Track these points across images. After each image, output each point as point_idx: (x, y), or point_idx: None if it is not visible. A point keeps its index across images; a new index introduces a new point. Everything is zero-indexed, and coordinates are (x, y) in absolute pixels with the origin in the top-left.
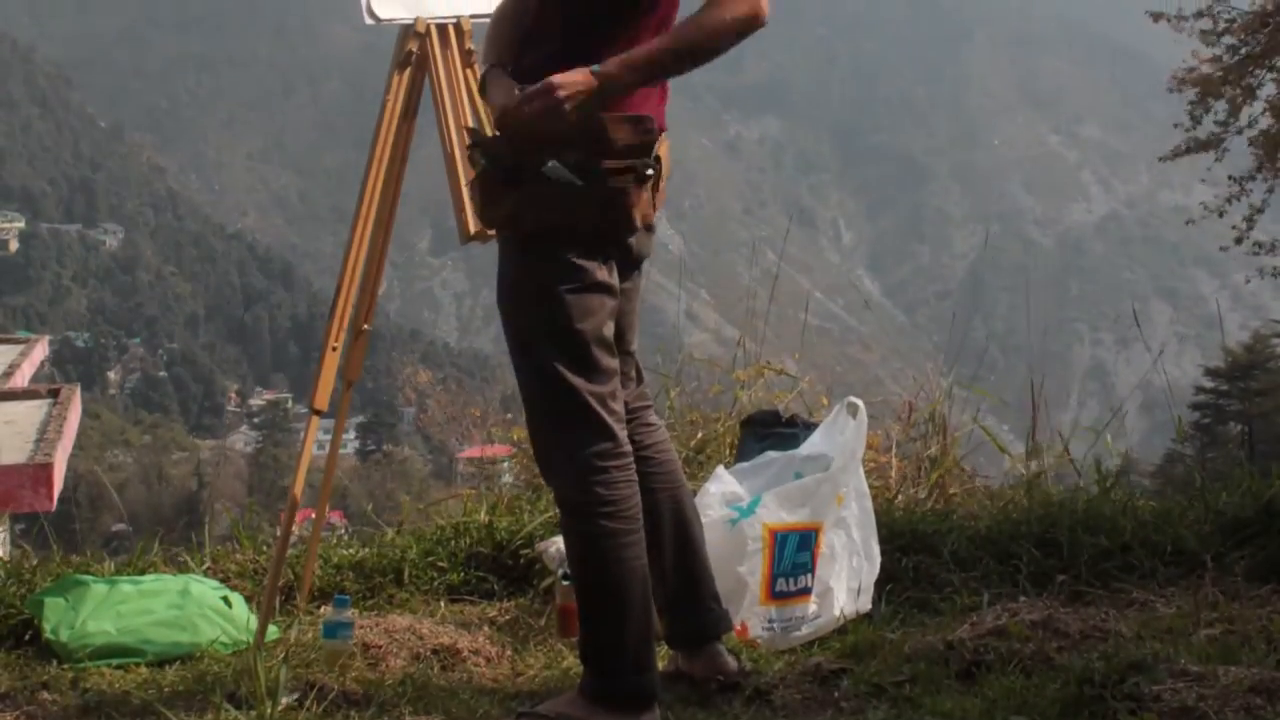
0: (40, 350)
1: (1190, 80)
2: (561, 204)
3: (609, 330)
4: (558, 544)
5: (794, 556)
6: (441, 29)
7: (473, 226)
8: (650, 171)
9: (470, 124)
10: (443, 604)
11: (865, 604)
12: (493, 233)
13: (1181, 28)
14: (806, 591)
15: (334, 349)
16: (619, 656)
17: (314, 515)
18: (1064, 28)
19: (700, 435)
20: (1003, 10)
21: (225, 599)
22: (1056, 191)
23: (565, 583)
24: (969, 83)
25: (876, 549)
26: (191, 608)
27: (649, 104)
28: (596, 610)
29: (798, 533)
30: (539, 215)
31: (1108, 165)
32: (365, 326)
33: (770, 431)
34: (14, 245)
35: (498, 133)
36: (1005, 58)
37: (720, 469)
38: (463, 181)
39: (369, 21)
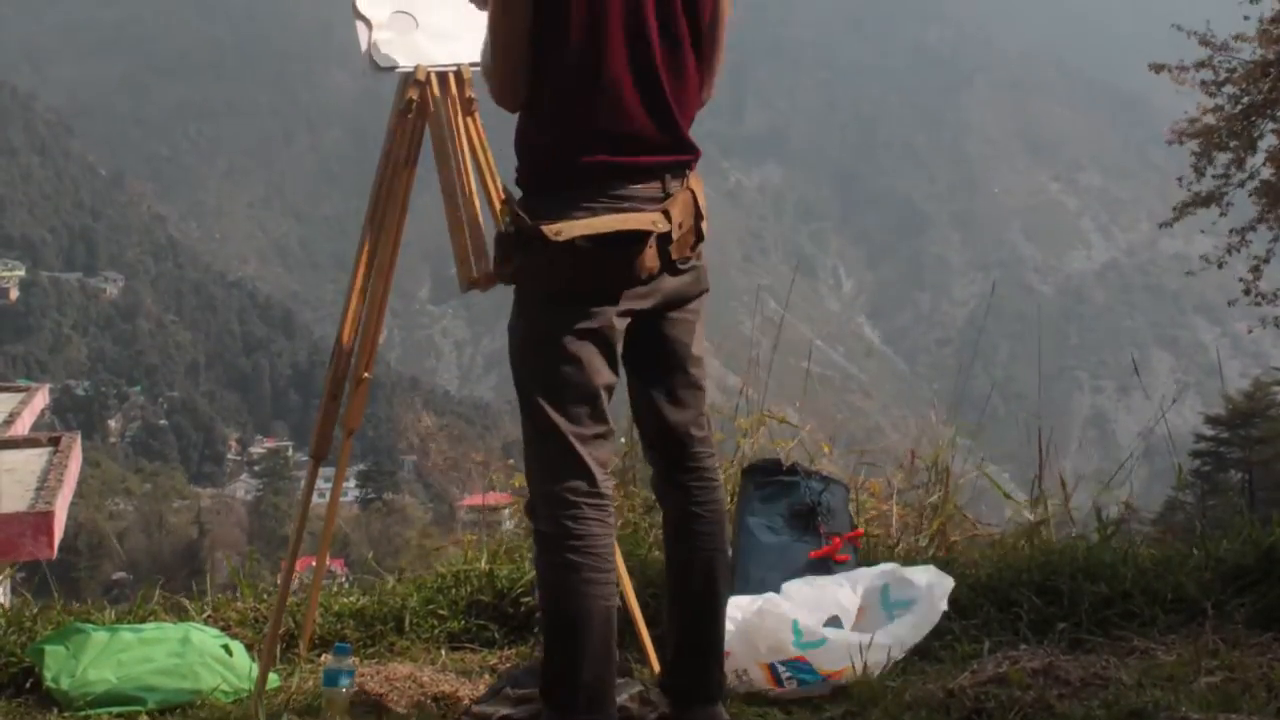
0: (41, 399)
1: (1191, 133)
2: (558, 272)
3: (600, 379)
4: None
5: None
6: (442, 77)
7: (475, 272)
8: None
9: (470, 173)
10: (444, 652)
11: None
12: (492, 281)
13: (1183, 79)
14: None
15: (334, 397)
16: (572, 693)
17: (315, 563)
18: (1064, 75)
19: None
20: (1003, 57)
21: (226, 647)
22: (1057, 239)
23: None
24: (969, 130)
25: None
26: (192, 656)
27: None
28: (554, 642)
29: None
30: (539, 277)
31: (1108, 213)
32: (365, 375)
33: (770, 480)
34: (14, 294)
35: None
36: (1005, 105)
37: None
38: (465, 230)
39: (370, 70)
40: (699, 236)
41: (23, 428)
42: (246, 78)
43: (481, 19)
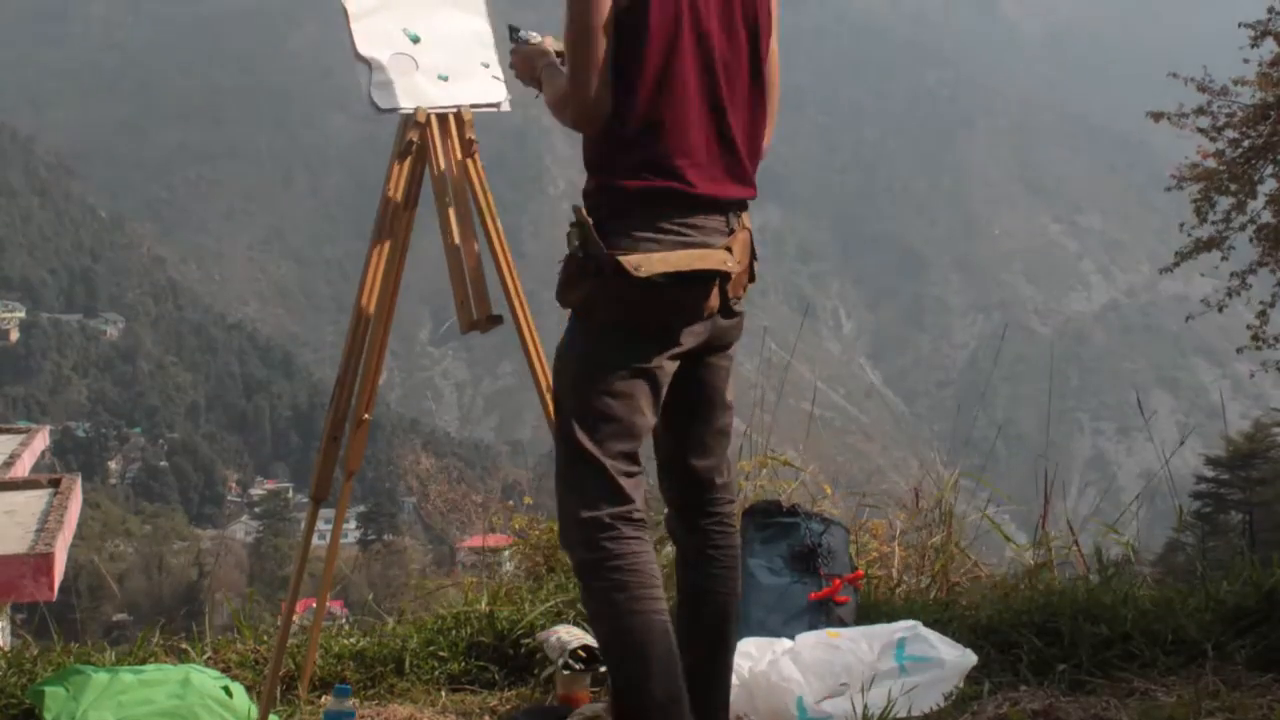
0: (41, 440)
1: (1193, 177)
2: (627, 306)
3: (643, 421)
4: (559, 633)
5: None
6: (442, 119)
7: (475, 314)
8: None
9: (471, 215)
10: (444, 693)
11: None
12: (493, 323)
13: (1182, 124)
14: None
15: (334, 438)
16: (646, 713)
17: (315, 604)
18: (1064, 118)
19: None
20: (1003, 100)
21: (226, 689)
22: (1057, 281)
23: (566, 672)
24: (969, 172)
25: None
26: (192, 698)
27: (715, 185)
28: (619, 668)
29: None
30: (609, 308)
31: (1108, 254)
32: (366, 416)
33: (771, 521)
34: (14, 335)
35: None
36: (1006, 147)
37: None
38: (465, 272)
39: (370, 112)
40: (751, 277)
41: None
42: (246, 120)
43: (479, 62)
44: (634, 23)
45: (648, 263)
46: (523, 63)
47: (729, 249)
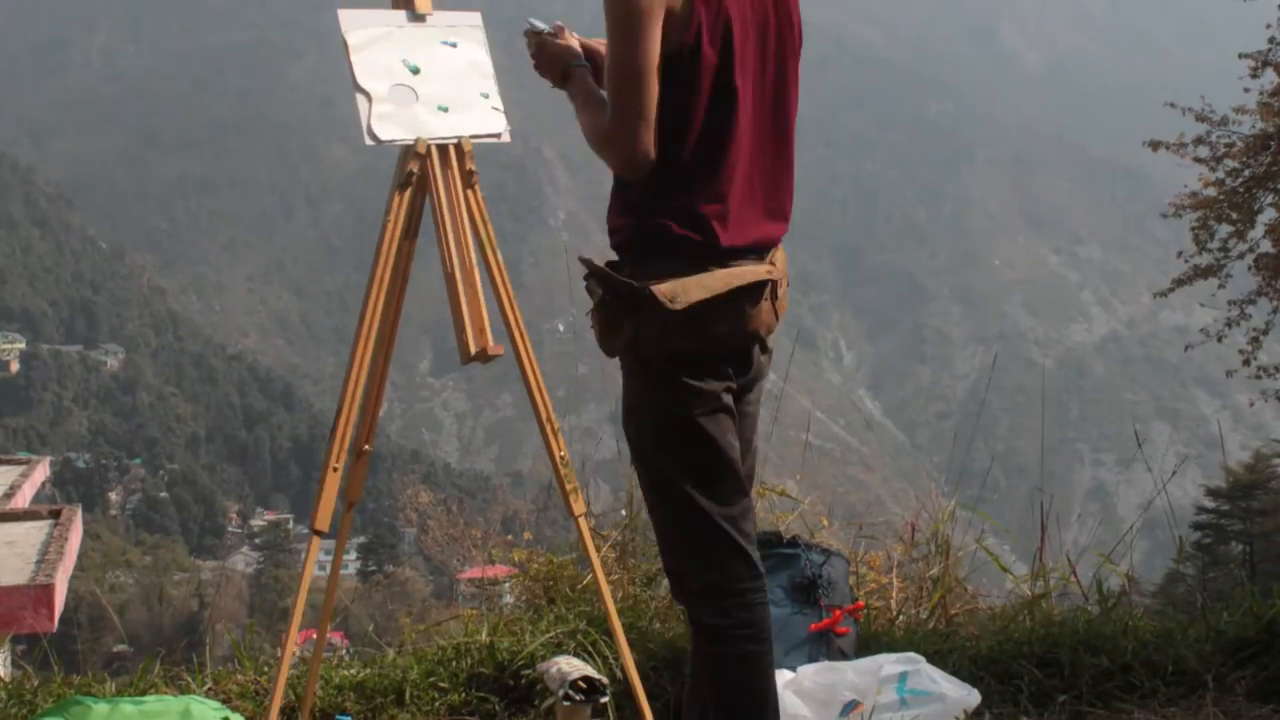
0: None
1: (1193, 205)
2: (677, 330)
3: (736, 452)
4: (559, 664)
5: None
6: (442, 150)
7: (473, 347)
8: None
9: (471, 246)
10: None
11: None
12: (494, 354)
13: (1182, 154)
14: None
15: (335, 470)
16: None
17: (315, 635)
18: (1064, 148)
19: None
20: (1003, 131)
21: None
22: (1057, 312)
23: (567, 704)
24: (969, 203)
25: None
26: None
27: (756, 228)
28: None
29: None
30: (657, 343)
31: (1108, 286)
32: (366, 447)
33: (771, 552)
34: (15, 366)
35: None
36: (1006, 179)
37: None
38: (465, 303)
39: (369, 143)
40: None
41: (23, 500)
42: (246, 152)
43: (479, 93)
44: (684, 69)
45: (683, 290)
46: (550, 61)
47: (772, 263)
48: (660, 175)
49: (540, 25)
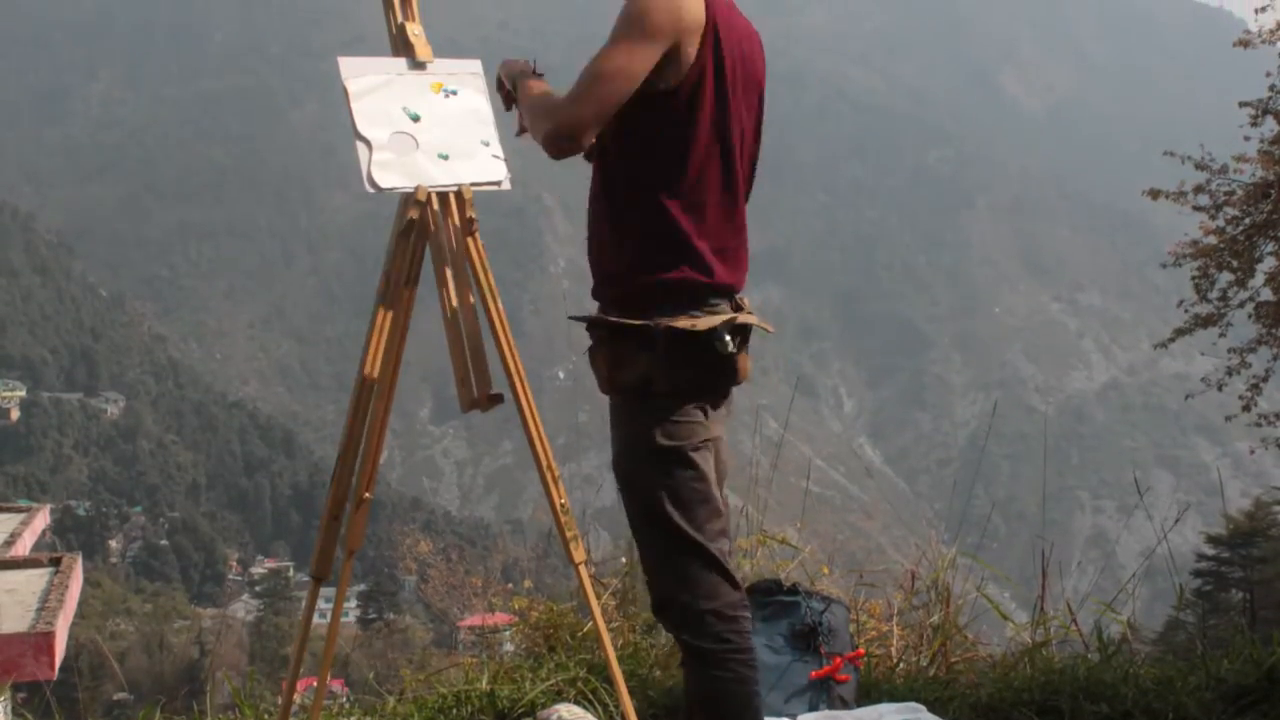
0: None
1: (1194, 254)
2: (689, 364)
3: (715, 488)
4: (560, 712)
5: None
6: (442, 197)
7: (476, 392)
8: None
9: (471, 293)
10: None
11: None
12: (493, 401)
13: (1182, 202)
14: None
15: (335, 517)
16: None
17: (316, 683)
18: (1064, 196)
19: None
20: (1003, 178)
21: None
22: (1057, 359)
23: None
24: (970, 251)
25: None
26: None
27: (741, 267)
28: None
29: None
30: (670, 377)
31: (1108, 333)
32: (366, 495)
33: (772, 600)
34: (15, 414)
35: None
36: (1006, 226)
37: None
38: (465, 350)
39: (370, 190)
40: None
41: (24, 548)
42: (247, 199)
43: (479, 140)
44: (685, 108)
45: (700, 322)
46: (508, 70)
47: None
48: (659, 217)
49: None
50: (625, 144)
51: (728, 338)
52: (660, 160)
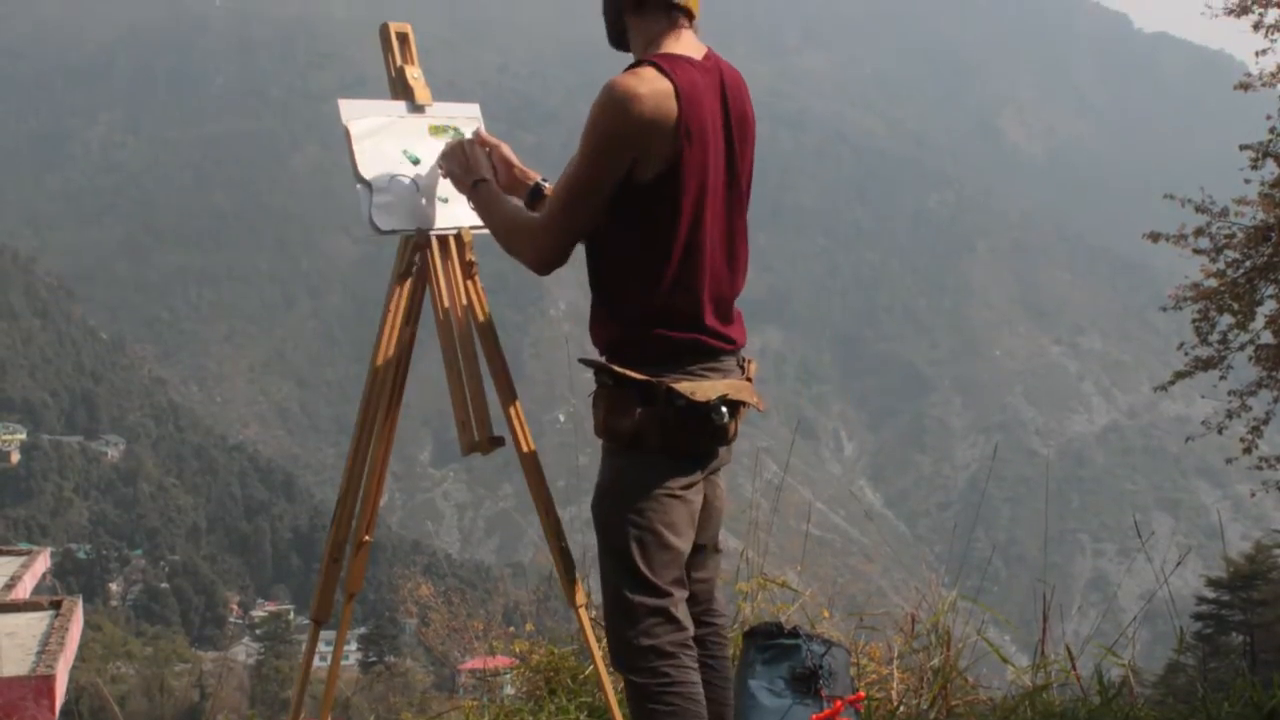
0: (42, 562)
1: (1194, 297)
2: (682, 427)
3: (686, 545)
4: None
5: None
6: (442, 240)
7: (476, 435)
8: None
9: (471, 336)
10: None
11: None
12: (494, 444)
13: (1183, 245)
14: None
15: (335, 560)
16: None
17: None
18: (1064, 239)
19: None
20: (1003, 222)
21: None
22: (1058, 402)
23: None
24: (970, 294)
25: None
26: None
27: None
28: None
29: None
30: (662, 434)
31: (1109, 376)
32: (366, 538)
33: (772, 643)
34: (15, 457)
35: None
36: (1006, 269)
37: None
38: (466, 393)
39: (370, 233)
40: None
41: (24, 591)
42: (247, 242)
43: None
44: (664, 195)
45: (700, 390)
46: (466, 167)
47: (749, 379)
48: (646, 295)
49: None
50: (615, 223)
51: (724, 410)
52: (646, 234)
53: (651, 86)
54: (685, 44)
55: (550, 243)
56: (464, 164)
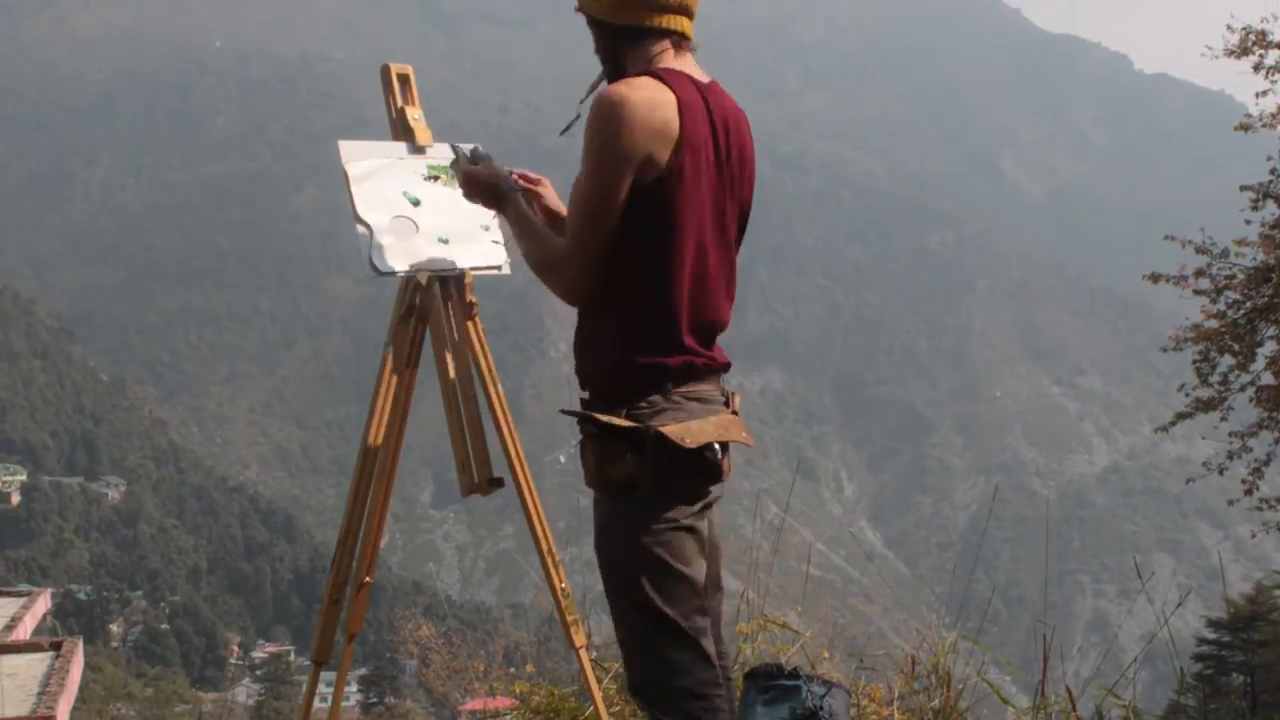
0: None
1: (1195, 338)
2: (675, 470)
3: (702, 576)
4: None
5: None
6: (443, 281)
7: (476, 477)
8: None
9: (471, 377)
10: None
11: None
12: (494, 485)
13: (1183, 286)
14: None
15: (336, 601)
16: None
17: None
18: (1065, 280)
19: None
20: (1004, 262)
21: None
22: (1058, 443)
23: None
24: (970, 334)
25: None
26: None
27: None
28: None
29: None
30: (656, 478)
31: (1109, 416)
32: (367, 579)
33: (773, 684)
34: (15, 498)
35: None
36: (1006, 310)
37: None
38: (466, 434)
39: (370, 274)
40: None
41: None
42: (247, 283)
43: (479, 225)
44: (659, 204)
45: (690, 433)
46: (481, 187)
47: (734, 413)
48: (639, 317)
49: (464, 149)
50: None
51: (717, 447)
52: (635, 254)
53: (645, 93)
54: (687, 65)
55: (578, 271)
56: (485, 189)
